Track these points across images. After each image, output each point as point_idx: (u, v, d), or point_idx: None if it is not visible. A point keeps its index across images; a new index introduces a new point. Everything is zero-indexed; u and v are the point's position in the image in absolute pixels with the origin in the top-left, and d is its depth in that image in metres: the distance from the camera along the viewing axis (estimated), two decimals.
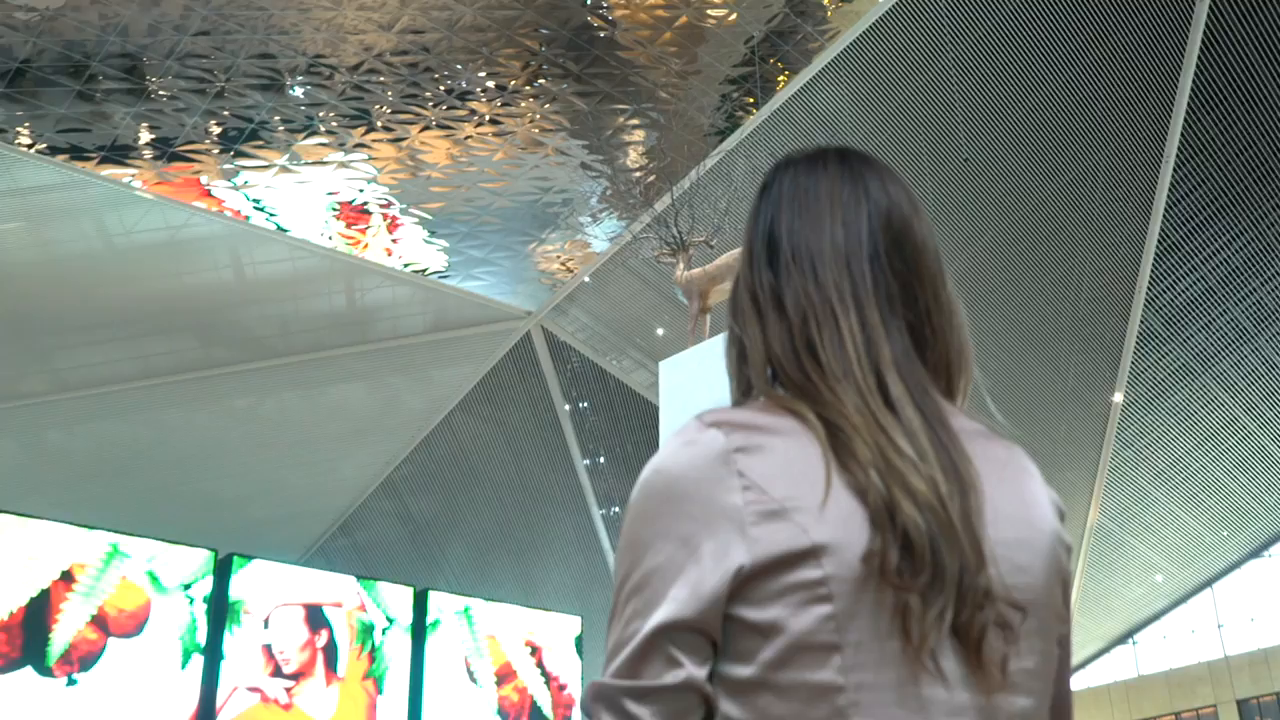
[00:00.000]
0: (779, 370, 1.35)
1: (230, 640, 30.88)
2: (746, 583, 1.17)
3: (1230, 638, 46.81)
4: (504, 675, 36.48)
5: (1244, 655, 42.30)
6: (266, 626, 31.71)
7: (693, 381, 11.70)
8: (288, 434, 39.59)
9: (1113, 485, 45.82)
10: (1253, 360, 41.02)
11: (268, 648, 30.87)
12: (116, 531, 31.20)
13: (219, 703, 29.69)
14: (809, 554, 1.15)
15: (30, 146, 27.36)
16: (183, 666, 30.06)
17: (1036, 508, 1.31)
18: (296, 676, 31.20)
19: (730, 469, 1.20)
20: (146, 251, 32.25)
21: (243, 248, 32.50)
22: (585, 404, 44.51)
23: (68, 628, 29.15)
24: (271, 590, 32.25)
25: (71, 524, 31.01)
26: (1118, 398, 43.31)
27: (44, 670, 27.56)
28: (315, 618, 32.78)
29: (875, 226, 1.37)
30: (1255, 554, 47.92)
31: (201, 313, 34.24)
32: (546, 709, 37.37)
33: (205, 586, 31.54)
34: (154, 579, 30.97)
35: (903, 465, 1.19)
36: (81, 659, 29.25)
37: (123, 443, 37.40)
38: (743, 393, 1.40)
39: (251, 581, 31.81)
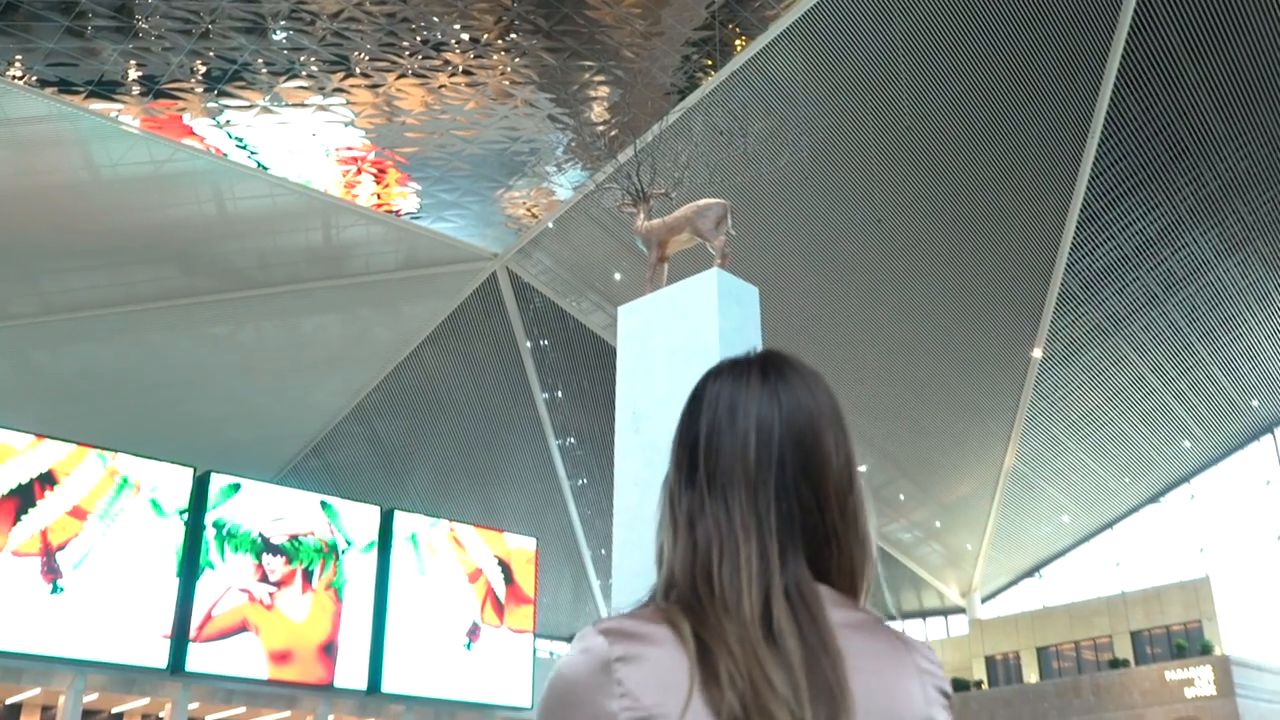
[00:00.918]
0: (678, 586, 1.39)
1: (228, 554, 31.55)
2: None
3: (1127, 575, 47.72)
4: (459, 583, 37.00)
5: (1138, 591, 43.26)
6: (256, 547, 32.25)
7: (649, 326, 11.76)
8: (264, 361, 39.35)
9: (1028, 433, 46.37)
10: (1160, 324, 41.54)
11: (258, 562, 31.65)
12: (100, 447, 31.05)
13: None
14: None
15: (20, 79, 26.80)
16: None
17: (905, 700, 1.36)
18: (278, 584, 32.14)
19: (610, 677, 1.28)
20: (132, 184, 31.79)
21: (224, 183, 32.12)
22: (546, 341, 44.53)
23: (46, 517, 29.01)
24: (258, 513, 32.67)
25: (59, 439, 30.78)
26: (1037, 353, 43.70)
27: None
28: (295, 543, 33.39)
29: (787, 450, 1.43)
30: (1153, 499, 48.71)
31: (184, 244, 33.87)
32: (497, 617, 37.72)
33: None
34: (155, 505, 31.11)
35: (772, 702, 1.25)
36: (62, 547, 29.08)
37: (106, 365, 37.02)
38: (664, 585, 1.42)
39: (242, 504, 32.24)
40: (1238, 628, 39.78)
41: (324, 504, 34.03)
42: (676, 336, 11.33)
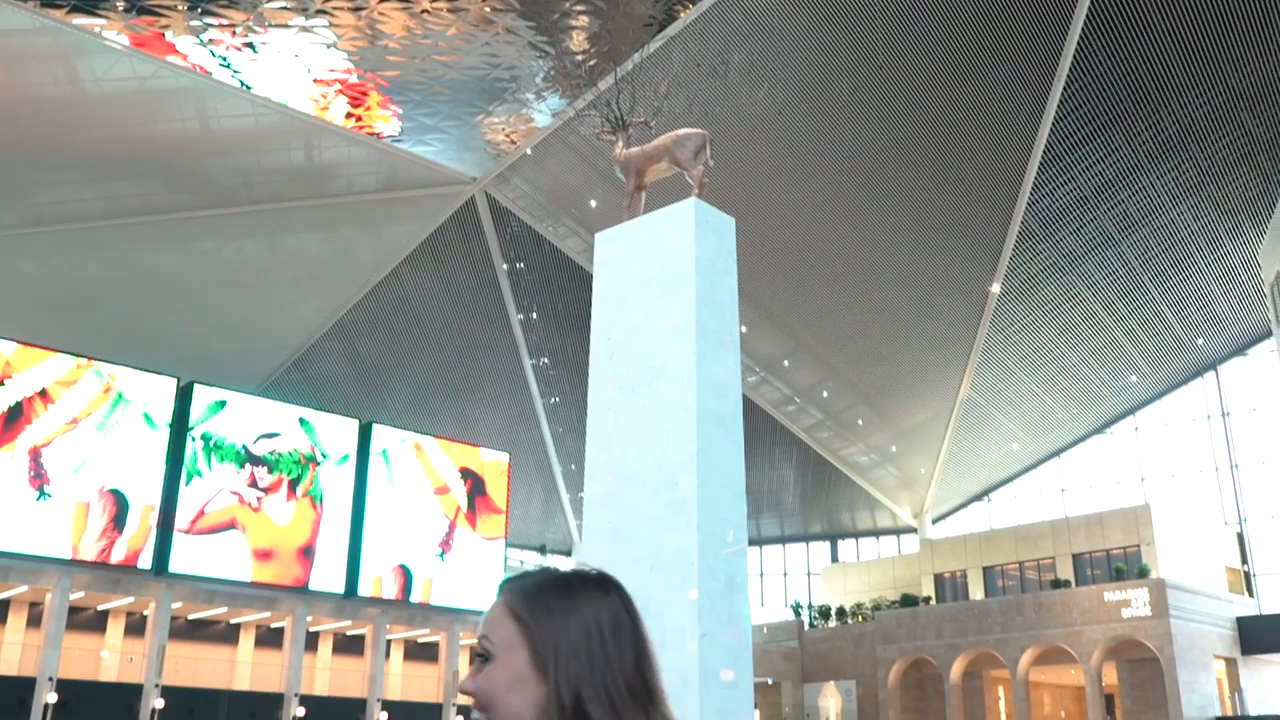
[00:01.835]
0: None
1: (215, 464, 32.16)
2: None
3: (1071, 501, 48.32)
4: (429, 496, 37.36)
5: (1081, 517, 43.78)
6: (240, 458, 32.77)
7: (625, 253, 11.55)
8: (247, 276, 38.89)
9: (983, 365, 46.60)
10: (1115, 263, 41.60)
11: (244, 471, 32.27)
12: (86, 357, 30.65)
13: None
14: None
15: None
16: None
17: None
18: (266, 490, 32.87)
19: None
20: (117, 99, 31.07)
21: (209, 101, 31.43)
22: (522, 264, 44.20)
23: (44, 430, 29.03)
24: (242, 427, 33.30)
25: (47, 348, 30.36)
26: (995, 288, 43.74)
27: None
28: (275, 455, 33.91)
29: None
30: (1099, 430, 49.22)
31: (169, 159, 33.22)
32: (470, 525, 37.98)
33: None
34: (148, 418, 31.48)
35: None
36: (47, 450, 29.11)
37: (92, 277, 36.48)
38: None
39: (228, 419, 32.87)
40: (1174, 553, 40.40)
41: (302, 420, 34.34)
42: (653, 264, 11.12)
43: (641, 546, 9.94)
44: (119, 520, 30.20)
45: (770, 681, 43.15)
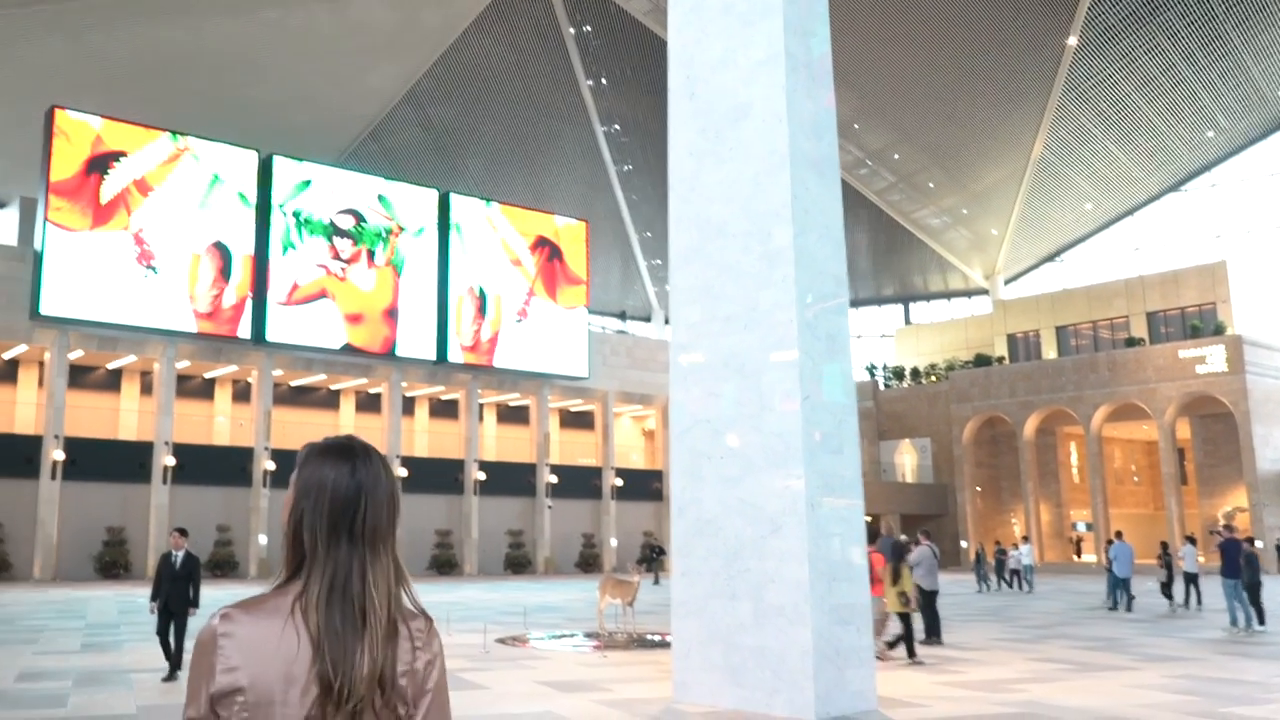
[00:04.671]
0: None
1: (306, 237, 32.57)
2: None
3: (1145, 259, 46.16)
4: (514, 263, 36.90)
5: (1156, 275, 41.56)
6: (327, 231, 33.11)
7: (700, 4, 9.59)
8: (317, 45, 36.82)
9: (1057, 123, 43.80)
10: (1196, 10, 38.17)
11: (330, 244, 32.72)
12: (171, 131, 29.46)
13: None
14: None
15: None
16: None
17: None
18: (348, 261, 33.18)
19: None
20: None
21: None
22: (588, 28, 41.79)
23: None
24: (327, 203, 33.45)
25: (133, 123, 29.15)
26: (1071, 41, 40.49)
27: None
28: (358, 229, 33.98)
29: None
30: (1174, 188, 46.47)
31: None
32: (551, 297, 37.38)
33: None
34: (241, 197, 31.35)
35: None
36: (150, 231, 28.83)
37: (161, 47, 34.56)
38: None
39: (313, 196, 32.88)
40: (1250, 310, 38.34)
41: (380, 196, 33.52)
42: (706, 22, 9.24)
43: (733, 303, 8.50)
44: (225, 271, 30.56)
45: None
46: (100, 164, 28.44)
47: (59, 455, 27.65)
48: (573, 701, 8.37)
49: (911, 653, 11.14)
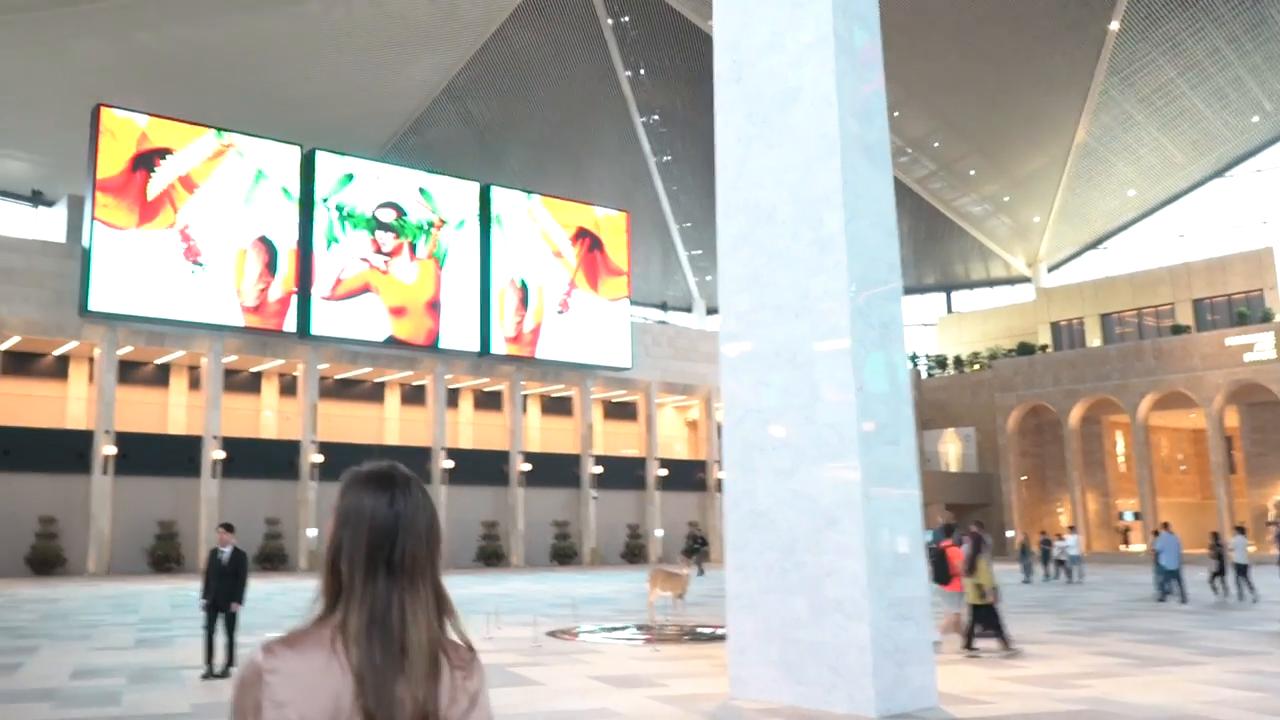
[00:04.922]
0: None
1: (349, 231, 32.81)
2: None
3: (1190, 246, 45.25)
4: (555, 255, 36.89)
5: (1201, 261, 40.66)
6: (370, 225, 33.35)
7: None
8: (357, 39, 36.83)
9: (1100, 109, 43.01)
10: None
11: (373, 237, 32.95)
12: (216, 128, 29.58)
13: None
14: None
15: None
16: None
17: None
18: (391, 254, 33.40)
19: None
20: None
21: None
22: (626, 18, 41.52)
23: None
24: (369, 197, 33.71)
25: (178, 120, 29.31)
26: (1114, 25, 39.71)
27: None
28: (400, 222, 34.14)
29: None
30: (1218, 174, 45.50)
31: None
32: (592, 289, 37.29)
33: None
34: (285, 192, 31.65)
35: None
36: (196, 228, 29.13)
37: (208, 44, 34.74)
38: None
39: (356, 190, 33.15)
40: None
41: (421, 189, 33.51)
42: (761, 12, 9.00)
43: (784, 291, 8.27)
44: (271, 265, 30.76)
45: None
46: (146, 161, 28.65)
47: (110, 450, 27.90)
48: (628, 698, 8.19)
49: (970, 644, 10.97)
